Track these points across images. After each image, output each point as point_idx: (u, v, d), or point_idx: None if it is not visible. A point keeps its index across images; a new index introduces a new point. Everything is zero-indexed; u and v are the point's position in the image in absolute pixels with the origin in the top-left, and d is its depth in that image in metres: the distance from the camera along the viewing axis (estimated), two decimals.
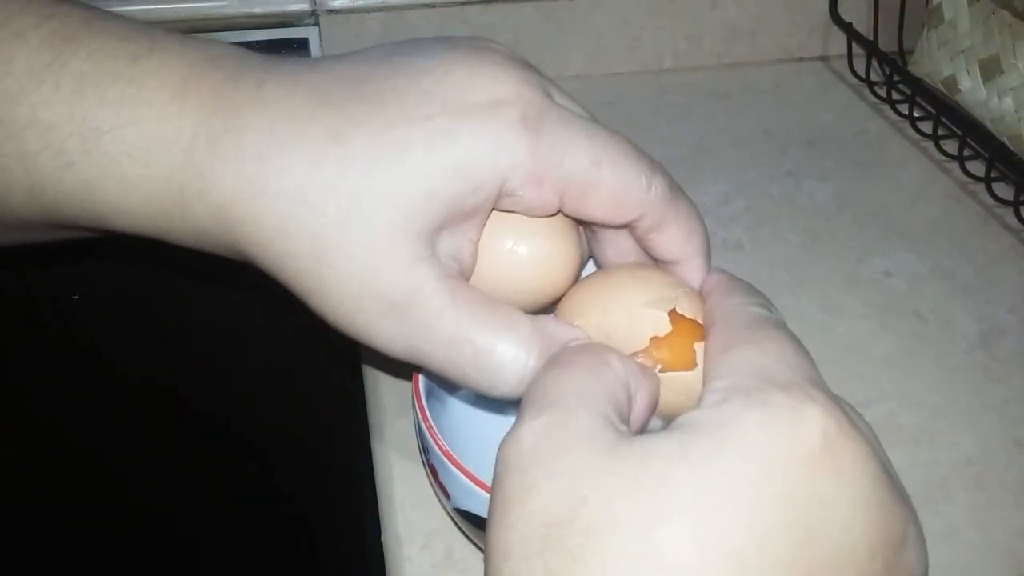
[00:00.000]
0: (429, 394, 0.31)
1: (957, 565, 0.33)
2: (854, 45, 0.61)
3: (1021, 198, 0.48)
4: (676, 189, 0.29)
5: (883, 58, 0.58)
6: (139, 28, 0.28)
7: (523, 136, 0.26)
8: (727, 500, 0.19)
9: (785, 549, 0.19)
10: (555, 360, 0.25)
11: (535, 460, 0.21)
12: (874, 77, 0.60)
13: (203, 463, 0.66)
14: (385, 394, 0.38)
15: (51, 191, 0.27)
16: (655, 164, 0.28)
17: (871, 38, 0.59)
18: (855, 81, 0.61)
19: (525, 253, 0.28)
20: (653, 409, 0.25)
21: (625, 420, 0.23)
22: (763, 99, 0.61)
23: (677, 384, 0.26)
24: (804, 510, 0.19)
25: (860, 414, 0.23)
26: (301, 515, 0.71)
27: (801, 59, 0.65)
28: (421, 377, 0.31)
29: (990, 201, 0.50)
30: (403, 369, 0.35)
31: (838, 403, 0.21)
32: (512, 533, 0.20)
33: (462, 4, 0.57)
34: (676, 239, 0.29)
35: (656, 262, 0.30)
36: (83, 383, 0.61)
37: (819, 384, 0.22)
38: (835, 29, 0.62)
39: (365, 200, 0.26)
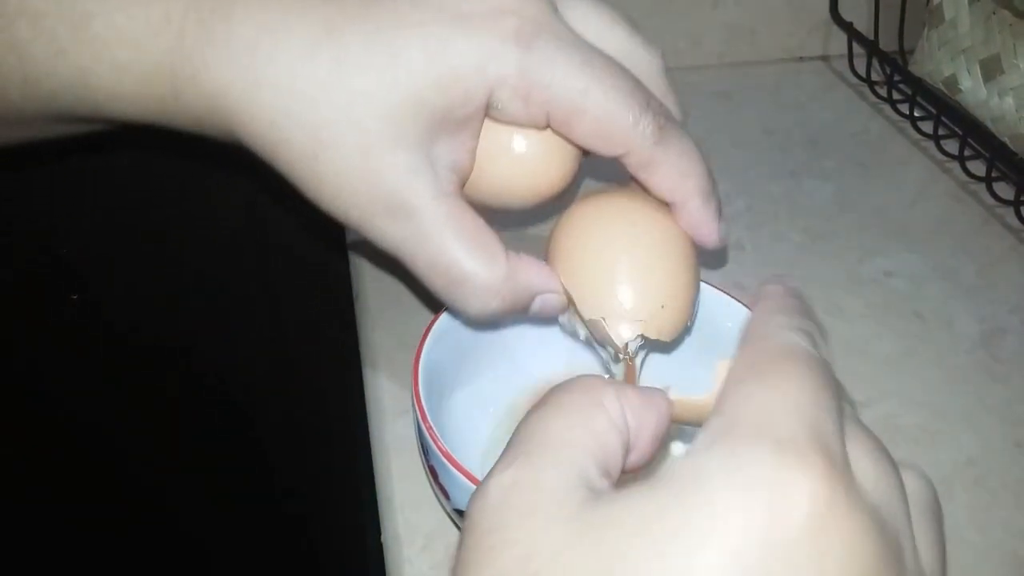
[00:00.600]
0: (429, 394, 0.31)
1: (958, 566, 0.33)
2: (855, 45, 0.61)
3: (1022, 198, 0.48)
4: (670, 129, 0.29)
5: (884, 58, 0.58)
6: None
7: (514, 50, 0.26)
8: None
9: None
10: (545, 399, 0.22)
11: (496, 523, 0.19)
12: (875, 77, 0.60)
13: (203, 463, 0.66)
14: (385, 394, 0.38)
15: (46, 81, 0.28)
16: (649, 102, 0.28)
17: (872, 38, 0.59)
18: (856, 81, 0.61)
19: (522, 149, 0.29)
20: (660, 441, 0.24)
21: (609, 471, 0.21)
22: (764, 99, 0.61)
23: (689, 409, 0.25)
24: None
25: (892, 469, 0.21)
26: (301, 515, 0.71)
27: (802, 59, 0.65)
28: (421, 377, 0.31)
29: (991, 201, 0.50)
30: (403, 370, 0.35)
31: (844, 469, 0.19)
32: None
33: None
34: (667, 180, 0.29)
35: None
36: (83, 382, 0.61)
37: (825, 442, 0.19)
38: (836, 29, 0.62)
39: (359, 105, 0.26)
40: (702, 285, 0.33)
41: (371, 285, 0.44)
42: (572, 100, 0.27)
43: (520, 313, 0.30)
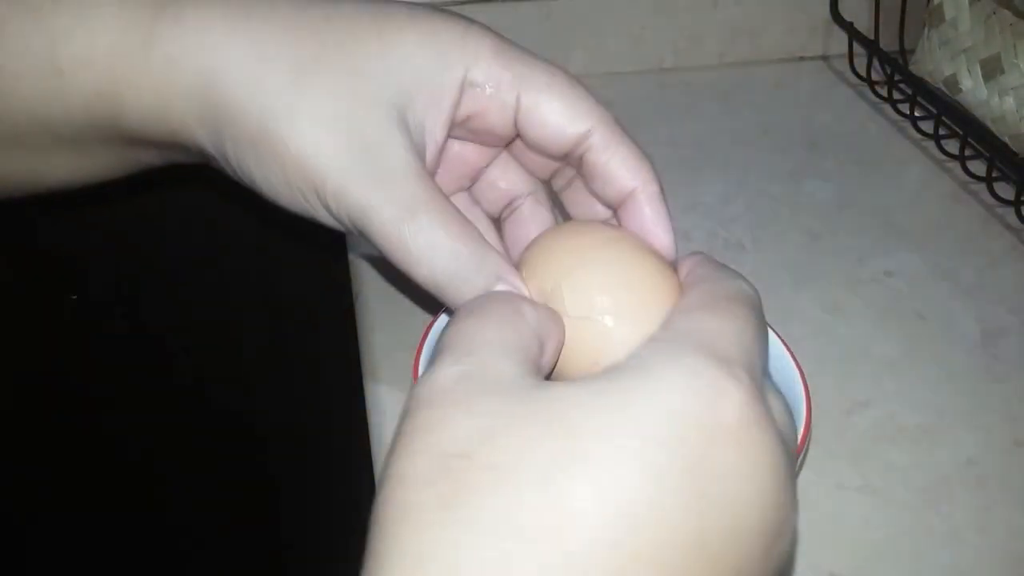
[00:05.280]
0: None
1: (958, 566, 0.33)
2: (855, 44, 0.61)
3: (1022, 198, 0.48)
4: (621, 125, 0.30)
5: (884, 58, 0.58)
6: None
7: (488, 36, 0.29)
8: (631, 457, 0.19)
9: (676, 513, 0.19)
10: (470, 308, 0.24)
11: (450, 399, 0.21)
12: (875, 77, 0.60)
13: (202, 463, 0.66)
14: (385, 394, 0.38)
15: (15, 62, 0.28)
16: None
17: (872, 37, 0.59)
18: (856, 80, 0.61)
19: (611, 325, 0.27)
20: (558, 354, 0.26)
21: (537, 368, 0.23)
22: (764, 99, 0.61)
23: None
24: (703, 482, 0.19)
25: (790, 418, 0.24)
26: (301, 516, 0.71)
27: (802, 59, 0.65)
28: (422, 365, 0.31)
29: (991, 201, 0.50)
30: (403, 370, 0.35)
31: (764, 397, 0.22)
32: (412, 462, 0.20)
33: (461, 3, 0.57)
34: (628, 162, 0.30)
35: (614, 209, 0.31)
36: (82, 382, 0.61)
37: (757, 373, 0.22)
38: (836, 28, 0.62)
39: (347, 45, 0.28)
40: None
41: (371, 285, 0.44)
42: (540, 79, 0.29)
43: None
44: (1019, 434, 0.38)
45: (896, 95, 0.58)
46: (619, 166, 0.30)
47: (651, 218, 0.30)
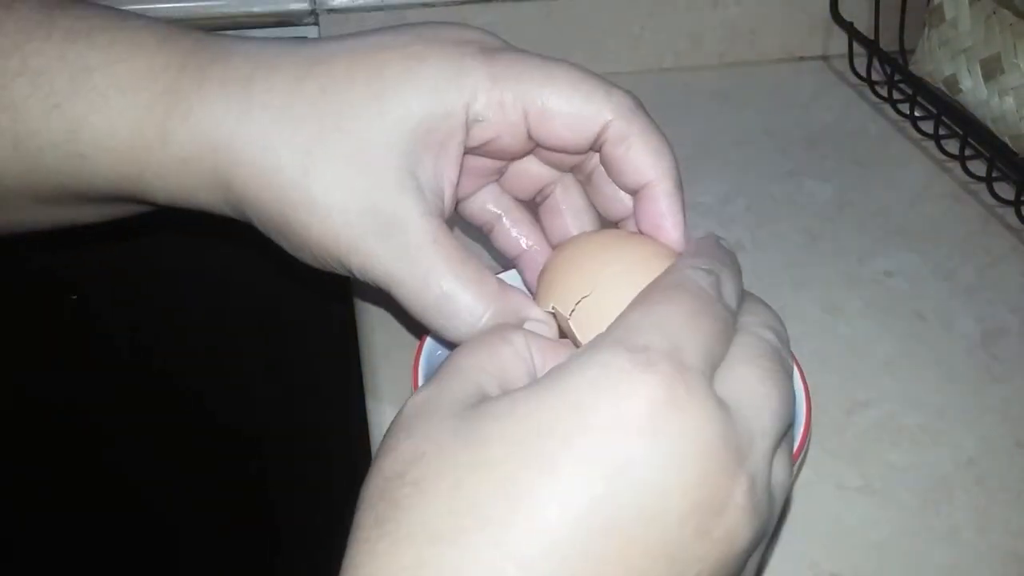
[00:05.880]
0: None
1: (958, 566, 0.33)
2: (855, 44, 0.61)
3: (1022, 198, 0.48)
4: (639, 108, 0.30)
5: (884, 57, 0.58)
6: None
7: (481, 61, 0.28)
8: (531, 457, 0.20)
9: (584, 505, 0.20)
10: (467, 341, 0.26)
11: (403, 424, 0.23)
12: (875, 76, 0.60)
13: (201, 463, 0.66)
14: (385, 397, 0.38)
15: (35, 138, 0.28)
16: (612, 83, 0.30)
17: (872, 37, 0.59)
18: (856, 80, 0.61)
19: None
20: None
21: (508, 388, 0.24)
22: (764, 99, 0.61)
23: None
24: (607, 469, 0.20)
25: (776, 393, 0.23)
26: (301, 516, 0.71)
27: (802, 59, 0.65)
28: (421, 377, 0.31)
29: (991, 201, 0.50)
30: (403, 370, 0.35)
31: (686, 377, 0.21)
32: (366, 486, 0.22)
33: (461, 3, 0.57)
34: (643, 155, 0.29)
35: (634, 205, 0.30)
36: (82, 383, 0.61)
37: (680, 355, 0.22)
38: (836, 28, 0.62)
39: (347, 117, 0.28)
40: None
41: (371, 285, 0.44)
42: (544, 85, 0.28)
43: None
44: (1019, 434, 0.38)
45: (896, 95, 0.58)
46: (635, 159, 0.29)
47: (662, 213, 0.29)
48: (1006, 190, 0.50)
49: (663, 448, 0.20)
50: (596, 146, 0.30)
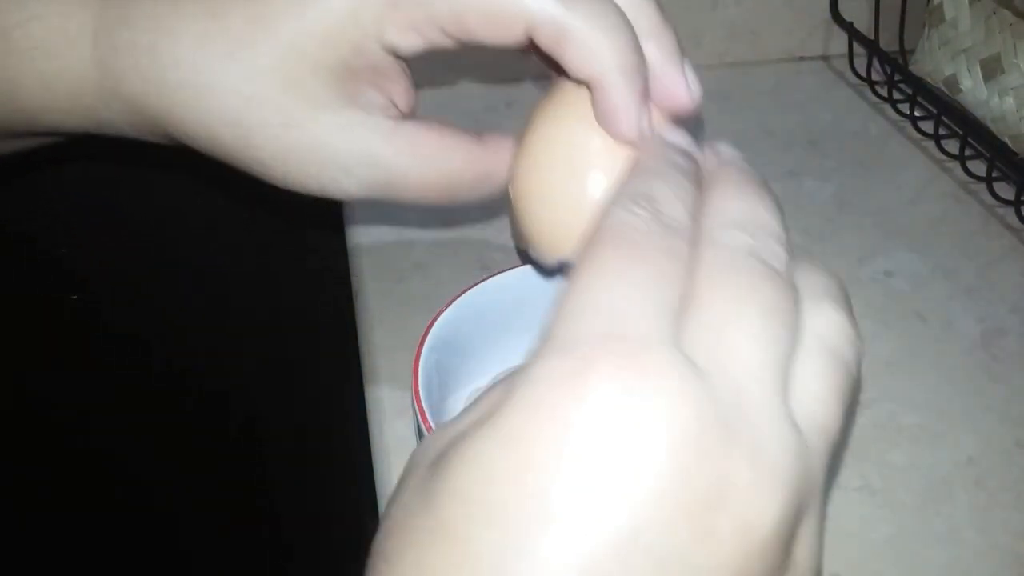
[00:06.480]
0: (429, 394, 0.31)
1: (957, 566, 0.33)
2: (855, 44, 0.61)
3: (1022, 198, 0.48)
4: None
5: (884, 57, 0.58)
6: None
7: None
8: (486, 517, 0.17)
9: (554, 563, 0.16)
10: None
11: (410, 466, 0.20)
12: (875, 76, 0.60)
13: (201, 463, 0.66)
14: (385, 394, 0.38)
15: None
16: None
17: (872, 37, 0.59)
18: (856, 80, 0.61)
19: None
20: None
21: None
22: (764, 99, 0.61)
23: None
24: (572, 519, 0.16)
25: (767, 333, 0.19)
26: (301, 516, 0.71)
27: (802, 59, 0.65)
28: (421, 377, 0.31)
29: (991, 201, 0.50)
30: (403, 370, 0.35)
31: (636, 358, 0.17)
32: (371, 555, 0.19)
33: None
34: (579, 53, 0.26)
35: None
36: (82, 382, 0.61)
37: (620, 327, 0.17)
38: (836, 28, 0.62)
39: (262, 83, 0.27)
40: None
41: (371, 285, 0.44)
42: None
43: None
44: (1019, 434, 0.38)
45: (896, 95, 0.58)
46: (571, 61, 0.26)
47: (606, 112, 0.26)
48: (1006, 190, 0.50)
49: (632, 454, 0.16)
50: (533, 44, 0.27)
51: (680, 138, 0.25)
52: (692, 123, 0.29)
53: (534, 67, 0.30)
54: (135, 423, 0.64)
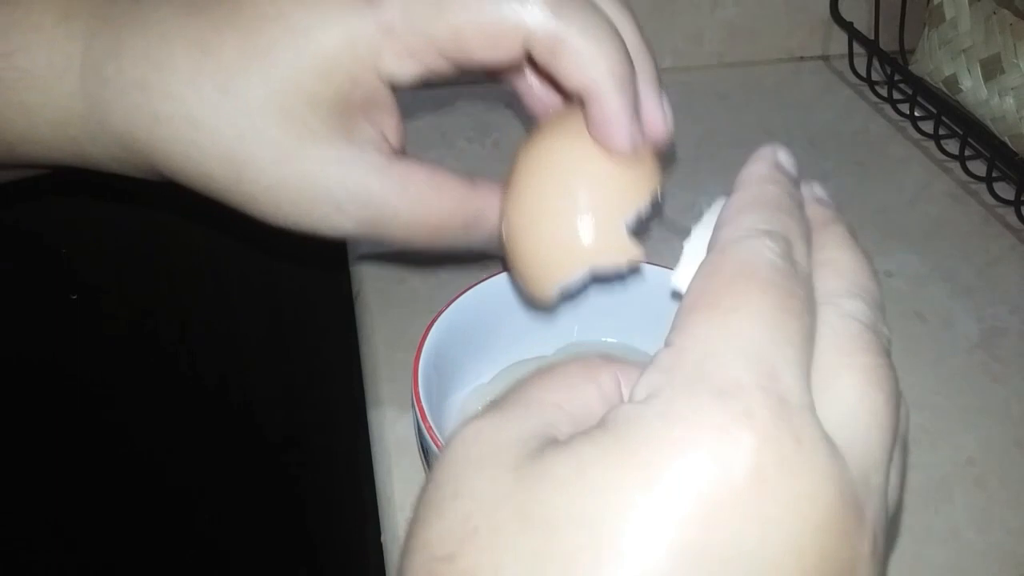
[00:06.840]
0: (429, 394, 0.31)
1: (957, 566, 0.33)
2: (855, 44, 0.61)
3: (1022, 198, 0.48)
4: (572, 5, 0.26)
5: (884, 57, 0.58)
6: None
7: (370, 16, 0.26)
8: (613, 544, 0.16)
9: None
10: (550, 367, 0.21)
11: (453, 472, 0.18)
12: (875, 76, 0.60)
13: (202, 463, 0.66)
14: (385, 394, 0.38)
15: None
16: None
17: (872, 37, 0.59)
18: (856, 81, 0.61)
19: (589, 243, 0.27)
20: None
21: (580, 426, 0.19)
22: (763, 99, 0.61)
23: None
24: (712, 561, 0.16)
25: (881, 396, 0.19)
26: (301, 515, 0.71)
27: (802, 59, 0.65)
28: (421, 377, 0.31)
29: (991, 201, 0.50)
30: (403, 370, 0.35)
31: (792, 422, 0.17)
32: (411, 560, 0.18)
33: None
34: (574, 62, 0.26)
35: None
36: (82, 382, 0.61)
37: (777, 386, 0.17)
38: (836, 28, 0.62)
39: (256, 116, 0.26)
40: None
41: (371, 285, 0.44)
42: (445, 13, 0.26)
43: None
44: (1019, 434, 0.38)
45: (896, 95, 0.58)
46: (565, 73, 0.26)
47: (604, 120, 0.27)
48: (1006, 190, 0.50)
49: (775, 527, 0.16)
50: (529, 58, 0.27)
51: (789, 161, 0.24)
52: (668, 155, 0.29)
53: (517, 107, 0.30)
54: (134, 423, 0.64)
